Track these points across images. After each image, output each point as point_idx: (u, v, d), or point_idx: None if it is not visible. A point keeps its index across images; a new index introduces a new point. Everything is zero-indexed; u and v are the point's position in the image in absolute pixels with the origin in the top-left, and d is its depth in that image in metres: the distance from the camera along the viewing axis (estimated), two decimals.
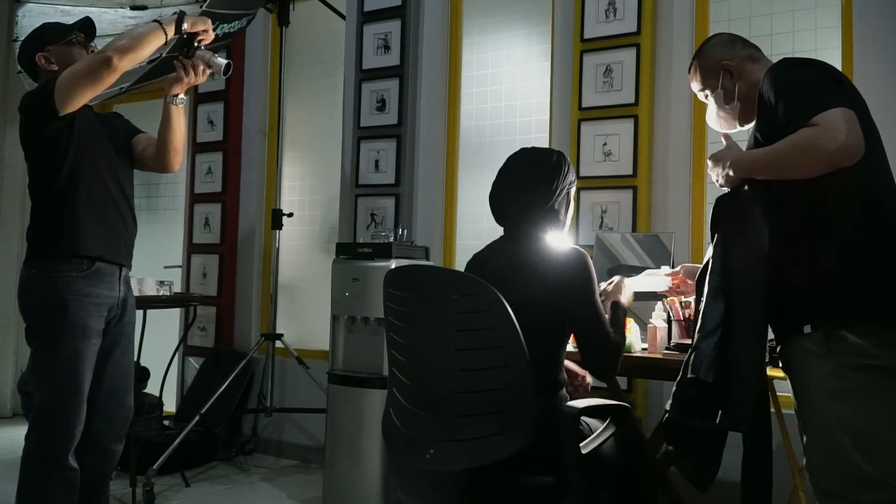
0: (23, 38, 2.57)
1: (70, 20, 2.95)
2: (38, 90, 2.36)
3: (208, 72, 2.48)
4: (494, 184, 2.21)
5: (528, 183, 2.14)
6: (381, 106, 4.07)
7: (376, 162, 4.08)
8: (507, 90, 3.93)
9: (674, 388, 1.86)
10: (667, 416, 1.85)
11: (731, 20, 3.29)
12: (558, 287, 2.01)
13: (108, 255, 2.40)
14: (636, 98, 3.31)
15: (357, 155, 4.13)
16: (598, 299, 2.05)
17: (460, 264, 3.87)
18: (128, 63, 2.25)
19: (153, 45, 2.32)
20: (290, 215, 4.23)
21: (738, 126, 2.01)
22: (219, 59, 2.47)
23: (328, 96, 4.52)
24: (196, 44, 2.44)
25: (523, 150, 2.25)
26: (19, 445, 2.36)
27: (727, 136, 1.92)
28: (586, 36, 3.44)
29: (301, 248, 4.65)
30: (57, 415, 2.30)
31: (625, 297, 2.27)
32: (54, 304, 2.30)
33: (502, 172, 2.21)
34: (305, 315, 4.56)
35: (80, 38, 2.49)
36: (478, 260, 2.24)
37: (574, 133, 3.45)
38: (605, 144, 3.37)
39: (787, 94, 1.70)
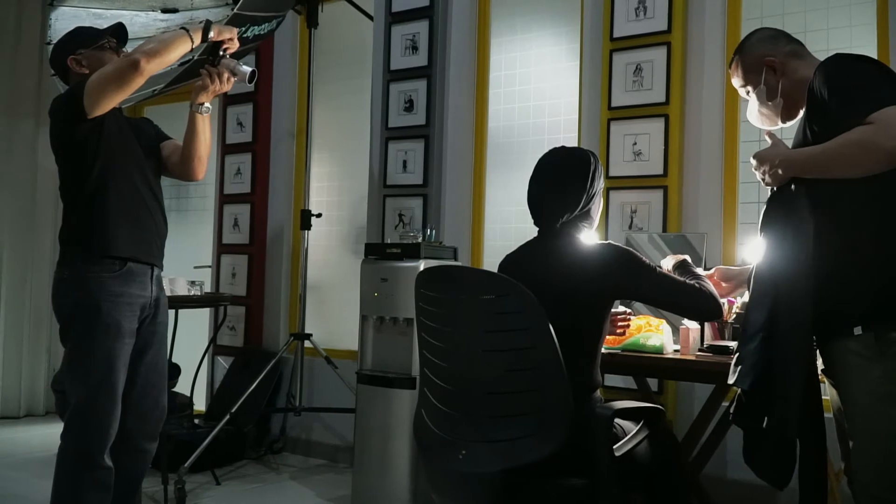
0: (55, 42, 2.60)
1: (102, 23, 3.00)
2: (68, 94, 2.38)
3: (233, 80, 2.51)
4: (530, 186, 2.21)
5: (563, 185, 2.14)
6: (409, 106, 4.08)
7: (404, 162, 4.09)
8: (535, 90, 3.92)
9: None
10: (731, 416, 1.83)
11: (763, 17, 3.25)
12: (606, 282, 2.02)
13: (140, 255, 2.43)
14: (667, 97, 3.28)
15: (385, 155, 4.14)
16: (656, 268, 2.07)
17: (488, 264, 3.87)
18: (154, 67, 2.27)
19: (180, 50, 2.34)
20: (319, 216, 4.25)
21: (779, 123, 1.97)
22: (244, 66, 2.50)
23: (356, 97, 4.54)
24: (222, 52, 2.46)
25: (556, 150, 2.25)
26: (53, 444, 2.40)
27: (772, 135, 1.88)
28: (616, 35, 3.41)
29: (329, 249, 4.67)
30: (92, 414, 2.32)
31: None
32: (88, 305, 2.32)
33: (537, 174, 2.21)
34: (333, 315, 4.58)
35: (111, 42, 2.52)
36: (511, 261, 2.23)
37: (603, 133, 3.43)
38: (635, 144, 3.34)
39: (842, 91, 1.67)
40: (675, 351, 2.54)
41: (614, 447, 1.90)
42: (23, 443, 4.69)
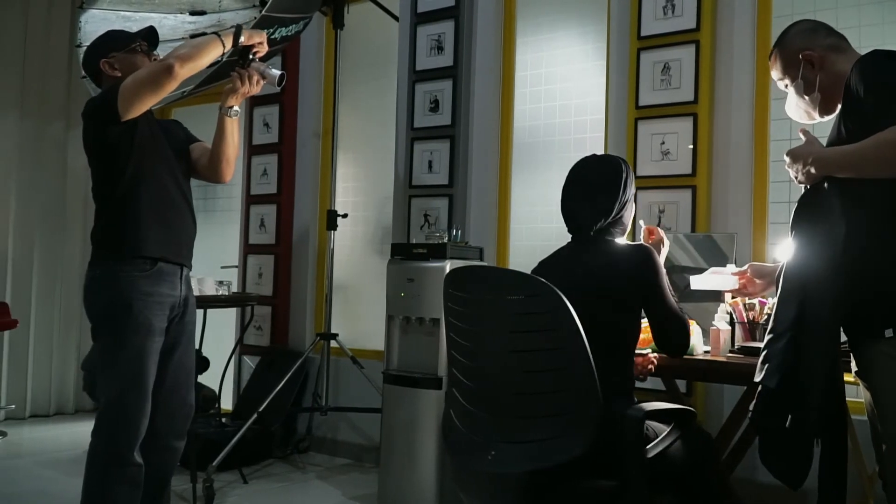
0: (87, 44, 2.64)
1: (131, 26, 3.04)
2: (101, 97, 2.41)
3: (262, 82, 2.54)
4: (563, 195, 2.27)
5: (595, 193, 2.19)
6: (435, 107, 4.08)
7: (430, 163, 4.09)
8: (561, 89, 3.91)
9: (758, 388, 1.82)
10: (750, 414, 1.81)
11: (793, 14, 3.21)
12: (636, 281, 2.07)
13: (170, 255, 2.45)
14: (695, 96, 3.25)
15: (410, 156, 4.15)
16: (666, 285, 2.11)
17: (514, 265, 3.86)
18: (187, 71, 2.30)
19: (212, 55, 2.38)
20: (345, 216, 4.27)
21: (817, 118, 1.93)
22: (273, 70, 2.54)
23: (381, 98, 4.55)
24: (251, 56, 2.50)
25: (588, 158, 2.29)
26: (82, 442, 2.42)
27: (806, 132, 1.85)
28: (643, 33, 3.39)
29: (354, 249, 4.68)
30: (122, 411, 2.35)
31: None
32: (119, 304, 2.35)
33: (569, 183, 2.26)
34: (358, 315, 4.59)
35: (143, 46, 2.55)
36: (545, 265, 2.27)
37: (630, 132, 3.41)
38: (663, 143, 3.32)
39: (879, 89, 1.63)
40: (706, 352, 2.52)
41: (646, 448, 1.88)
42: (52, 440, 4.76)
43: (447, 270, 3.21)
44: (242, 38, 2.45)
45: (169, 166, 2.51)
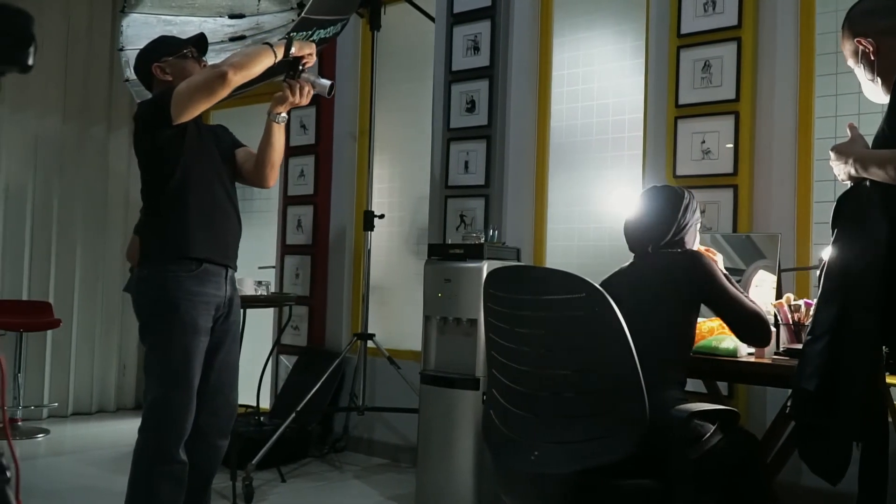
0: (129, 48, 2.68)
1: (171, 29, 3.08)
2: (154, 101, 2.46)
3: (312, 92, 2.58)
4: (628, 219, 2.41)
5: (651, 213, 2.33)
6: (471, 107, 4.07)
7: (466, 163, 4.08)
8: (598, 88, 3.88)
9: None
10: (787, 410, 1.78)
11: (837, 10, 3.14)
12: (682, 280, 2.15)
13: (216, 257, 2.49)
14: (737, 94, 3.20)
15: (447, 156, 4.15)
16: (726, 282, 2.18)
17: (551, 265, 3.84)
18: (240, 79, 2.35)
19: (264, 64, 2.42)
20: (382, 217, 4.28)
21: (886, 99, 1.87)
22: (322, 80, 2.58)
23: (417, 98, 4.56)
24: (301, 66, 2.53)
25: (654, 188, 2.44)
26: (124, 439, 2.47)
27: (853, 127, 1.80)
28: (683, 31, 3.35)
29: (389, 249, 4.70)
30: (168, 409, 2.39)
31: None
32: (165, 303, 2.39)
33: (637, 207, 2.40)
34: (393, 315, 4.60)
35: (193, 52, 2.60)
36: (606, 280, 2.33)
37: (670, 131, 3.37)
38: (704, 142, 3.27)
39: None
40: (749, 354, 2.47)
41: (690, 449, 1.86)
42: (94, 438, 4.83)
43: (485, 271, 3.24)
44: (293, 50, 2.48)
45: (216, 170, 2.55)
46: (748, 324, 2.19)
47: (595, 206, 3.85)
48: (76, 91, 5.51)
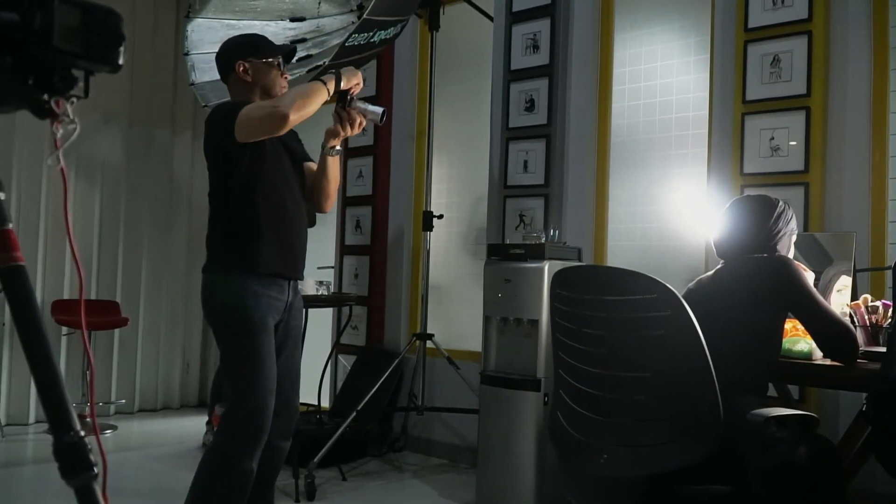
0: (227, 40, 2.67)
1: (235, 33, 3.08)
2: (227, 113, 2.42)
3: (364, 123, 2.55)
4: (717, 229, 2.38)
5: (740, 220, 2.30)
6: (530, 106, 4.04)
7: (525, 163, 4.06)
8: (661, 86, 3.81)
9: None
10: (864, 408, 1.72)
11: None
12: (768, 282, 2.12)
13: (284, 270, 2.49)
14: (808, 89, 3.11)
15: (505, 156, 4.12)
16: (813, 291, 2.13)
17: (612, 265, 3.78)
18: (298, 119, 2.34)
19: (320, 101, 2.40)
20: (441, 217, 4.28)
21: None
22: (373, 107, 2.54)
23: (476, 98, 4.54)
24: (350, 96, 2.50)
25: (746, 196, 2.42)
26: (187, 436, 2.47)
27: None
28: (751, 25, 3.27)
29: (447, 250, 4.70)
30: (244, 413, 2.36)
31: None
32: (234, 306, 2.39)
33: (727, 215, 2.36)
34: (451, 315, 4.59)
35: (280, 62, 2.58)
36: (690, 289, 2.32)
37: (737, 127, 3.29)
38: (773, 139, 3.19)
39: None
40: (825, 357, 2.39)
41: (767, 455, 1.80)
42: (160, 435, 4.94)
43: (546, 271, 3.21)
44: (343, 83, 2.45)
45: (287, 179, 2.53)
46: (834, 338, 2.13)
47: (658, 206, 3.78)
48: (141, 96, 5.62)
